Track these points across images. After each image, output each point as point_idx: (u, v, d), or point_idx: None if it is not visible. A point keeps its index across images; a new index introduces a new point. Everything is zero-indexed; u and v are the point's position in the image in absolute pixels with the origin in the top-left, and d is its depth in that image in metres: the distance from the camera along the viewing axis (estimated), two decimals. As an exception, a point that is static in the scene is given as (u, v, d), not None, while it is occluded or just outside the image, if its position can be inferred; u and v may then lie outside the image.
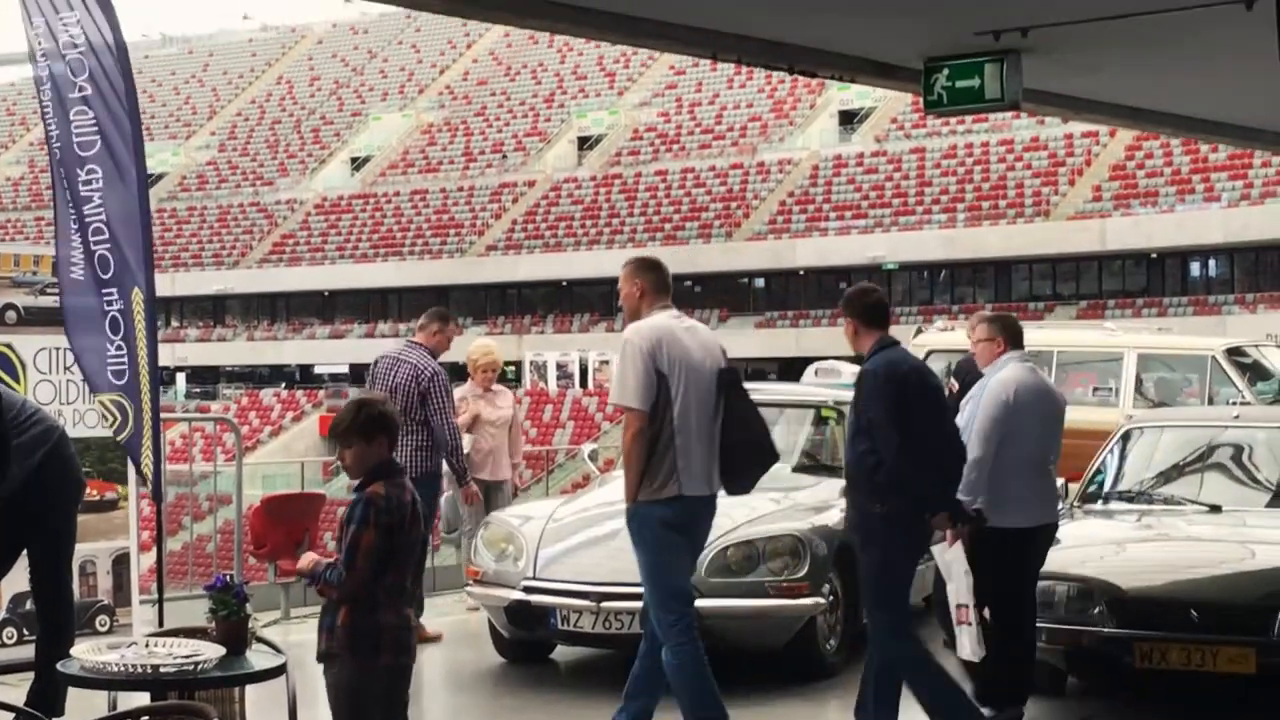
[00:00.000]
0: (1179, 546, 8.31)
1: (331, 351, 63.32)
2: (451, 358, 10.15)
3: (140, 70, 57.55)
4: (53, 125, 8.21)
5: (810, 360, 17.59)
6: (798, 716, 8.27)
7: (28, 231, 68.57)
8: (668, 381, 6.90)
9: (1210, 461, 9.24)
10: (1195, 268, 50.46)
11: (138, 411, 8.09)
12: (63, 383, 8.46)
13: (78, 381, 8.41)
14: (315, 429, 51.06)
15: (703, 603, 8.30)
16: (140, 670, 5.33)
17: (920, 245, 51.64)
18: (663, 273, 7.26)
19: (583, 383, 52.07)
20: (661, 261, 7.39)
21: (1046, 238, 49.61)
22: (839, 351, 8.23)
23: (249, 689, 6.01)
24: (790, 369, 41.26)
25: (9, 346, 8.35)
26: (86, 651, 5.52)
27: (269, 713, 6.29)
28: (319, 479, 29.08)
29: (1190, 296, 48.98)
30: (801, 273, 53.66)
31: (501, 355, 11.60)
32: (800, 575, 8.52)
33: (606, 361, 48.79)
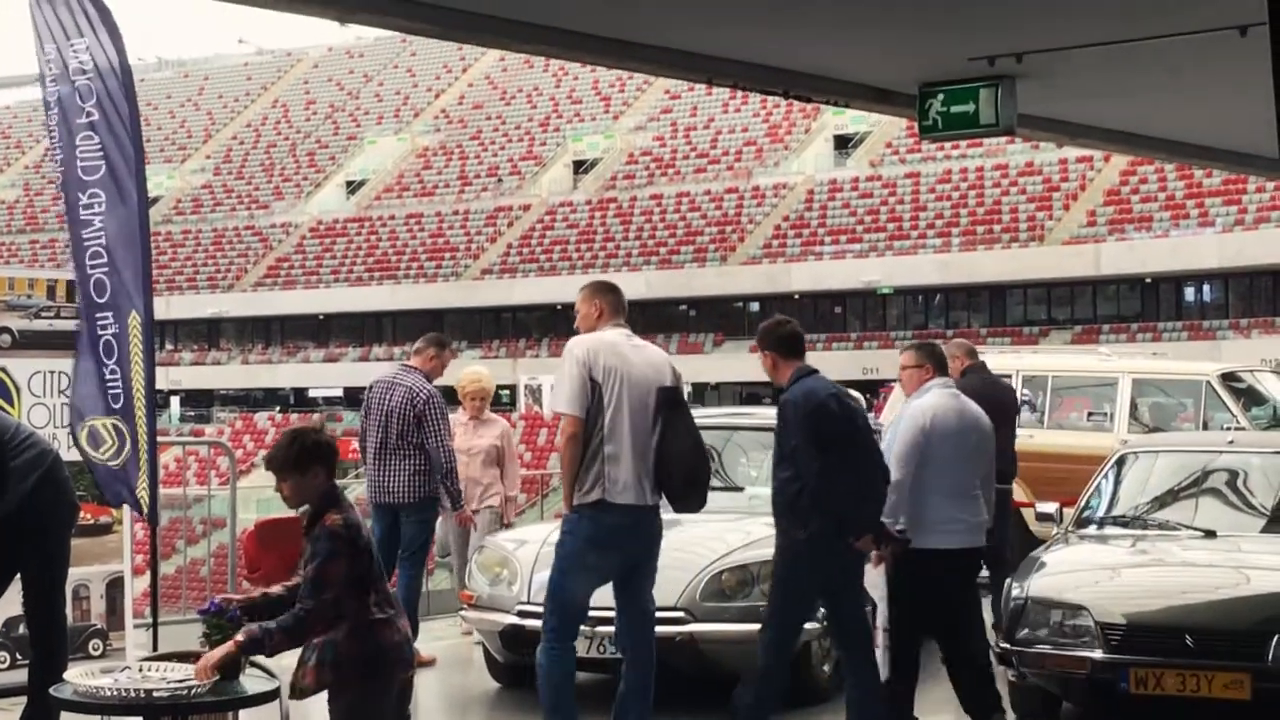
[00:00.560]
0: (1174, 572, 8.29)
1: (326, 375, 63.33)
2: (445, 383, 10.13)
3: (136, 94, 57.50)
4: (59, 150, 8.24)
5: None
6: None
7: (22, 255, 68.69)
8: (601, 389, 7.00)
9: (1205, 486, 9.23)
10: (1190, 293, 50.57)
11: (133, 435, 8.08)
12: (57, 406, 8.45)
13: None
14: (310, 453, 50.87)
15: (697, 627, 8.32)
16: (134, 695, 5.32)
17: (915, 269, 51.73)
18: (620, 295, 7.47)
19: (577, 407, 51.87)
20: (618, 285, 7.60)
21: (1041, 262, 49.71)
22: (835, 376, 8.24)
23: (242, 714, 5.99)
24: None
25: (3, 370, 8.33)
26: (80, 676, 5.51)
27: (262, 738, 6.26)
28: (313, 503, 28.93)
29: (1185, 321, 49.06)
30: (796, 297, 53.67)
31: (492, 383, 11.46)
32: (794, 600, 8.49)
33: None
